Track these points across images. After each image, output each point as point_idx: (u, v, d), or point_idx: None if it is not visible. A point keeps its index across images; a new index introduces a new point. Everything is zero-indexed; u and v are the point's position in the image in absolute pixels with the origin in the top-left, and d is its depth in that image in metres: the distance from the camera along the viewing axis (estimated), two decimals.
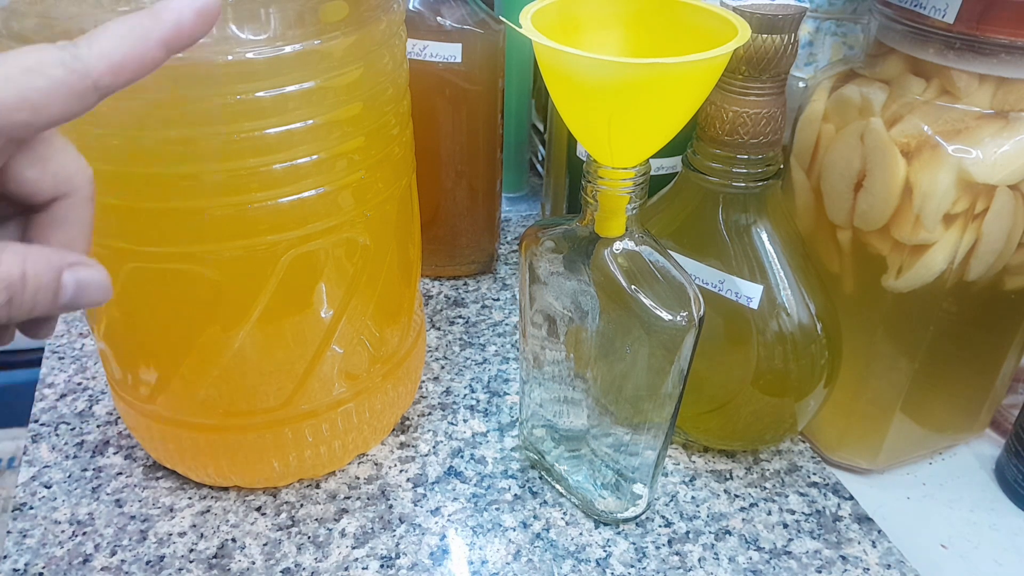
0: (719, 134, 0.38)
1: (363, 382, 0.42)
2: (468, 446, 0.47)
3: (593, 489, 0.43)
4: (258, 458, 0.41)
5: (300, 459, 0.42)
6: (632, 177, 0.33)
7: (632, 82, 0.29)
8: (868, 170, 0.40)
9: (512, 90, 0.64)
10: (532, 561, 0.40)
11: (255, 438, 0.40)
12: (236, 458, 0.41)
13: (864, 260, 0.43)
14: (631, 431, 0.39)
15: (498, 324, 0.58)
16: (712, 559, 0.41)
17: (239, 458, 0.41)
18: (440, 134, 0.56)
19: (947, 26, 0.37)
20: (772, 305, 0.41)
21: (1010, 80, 0.37)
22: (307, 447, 0.42)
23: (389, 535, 0.41)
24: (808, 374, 0.42)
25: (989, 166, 0.37)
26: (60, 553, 0.40)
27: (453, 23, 0.52)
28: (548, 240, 0.38)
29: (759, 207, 0.40)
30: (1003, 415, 0.53)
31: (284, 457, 0.42)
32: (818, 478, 0.46)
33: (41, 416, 0.48)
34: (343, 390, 0.41)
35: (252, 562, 0.40)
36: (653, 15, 0.34)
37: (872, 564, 0.41)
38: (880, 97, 0.41)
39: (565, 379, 0.41)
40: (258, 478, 0.43)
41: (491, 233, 0.62)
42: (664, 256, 0.36)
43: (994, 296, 0.43)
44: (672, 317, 0.35)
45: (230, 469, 0.42)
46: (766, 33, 0.35)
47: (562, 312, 0.39)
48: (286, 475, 0.43)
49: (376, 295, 0.40)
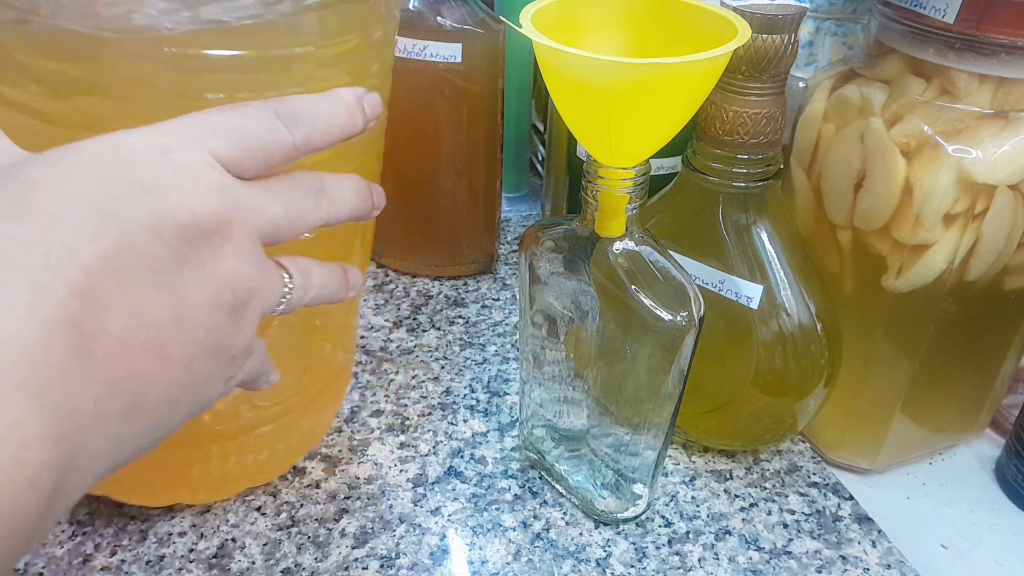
0: (719, 134, 0.38)
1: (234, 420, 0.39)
2: (468, 446, 0.47)
3: (593, 489, 0.43)
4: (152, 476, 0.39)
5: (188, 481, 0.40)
6: (632, 177, 0.33)
7: (632, 82, 0.29)
8: (868, 170, 0.40)
9: (512, 90, 0.64)
10: (532, 561, 0.40)
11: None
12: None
13: (864, 260, 0.43)
14: (631, 431, 0.39)
15: (498, 324, 0.58)
16: (712, 559, 0.41)
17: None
18: (440, 134, 0.56)
19: (947, 26, 0.37)
20: (772, 305, 0.41)
21: (1010, 80, 0.37)
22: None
23: (389, 535, 0.41)
24: (808, 374, 0.42)
25: (989, 166, 0.37)
26: (60, 553, 0.40)
27: (453, 23, 0.52)
28: (548, 240, 0.38)
29: (759, 207, 0.41)
30: (1003, 415, 0.53)
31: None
32: (818, 478, 0.46)
33: None
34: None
35: (252, 562, 0.40)
36: (653, 15, 0.34)
37: (872, 564, 0.41)
38: (880, 97, 0.41)
39: (565, 379, 0.41)
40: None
41: (491, 233, 0.62)
42: (664, 256, 0.36)
43: (994, 296, 0.43)
44: (672, 317, 0.35)
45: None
46: (766, 33, 0.35)
47: (562, 312, 0.39)
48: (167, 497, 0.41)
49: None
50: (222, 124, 0.24)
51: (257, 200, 0.24)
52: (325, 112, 0.26)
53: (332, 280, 0.29)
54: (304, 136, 0.25)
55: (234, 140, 0.24)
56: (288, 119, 0.25)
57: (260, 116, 0.24)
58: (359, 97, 0.27)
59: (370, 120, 0.28)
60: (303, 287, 0.27)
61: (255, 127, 0.24)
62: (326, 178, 0.27)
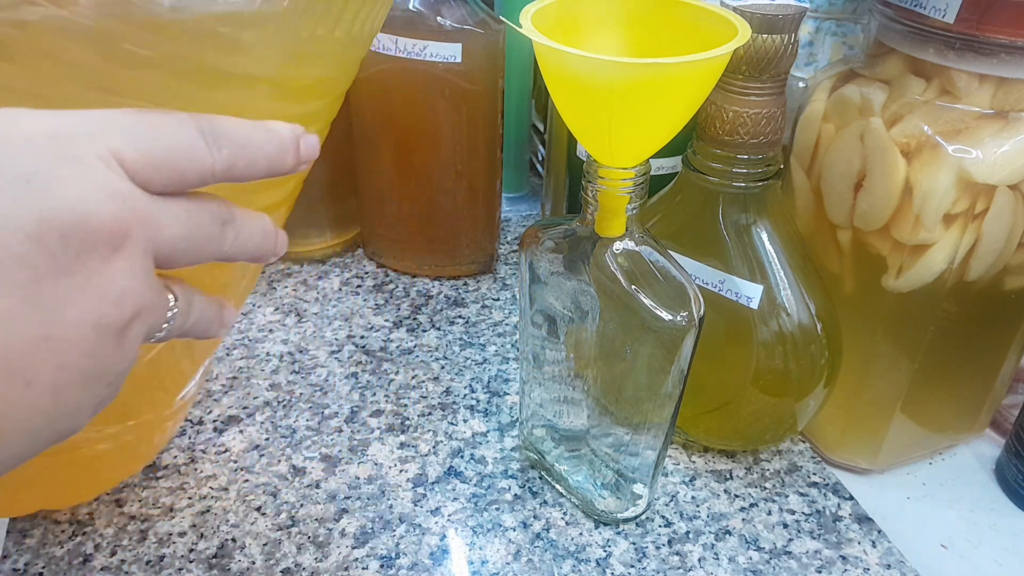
0: (719, 134, 0.38)
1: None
2: (468, 446, 0.47)
3: (593, 489, 0.43)
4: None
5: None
6: (632, 177, 0.33)
7: (632, 82, 0.29)
8: (868, 170, 0.40)
9: (512, 90, 0.64)
10: (532, 561, 0.40)
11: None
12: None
13: (864, 260, 0.43)
14: (631, 431, 0.39)
15: (498, 324, 0.58)
16: (712, 559, 0.41)
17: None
18: (440, 134, 0.56)
19: (947, 26, 0.37)
20: (772, 305, 0.41)
21: (1010, 80, 0.37)
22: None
23: (389, 535, 0.41)
24: (808, 374, 0.42)
25: (989, 166, 0.37)
26: (60, 553, 0.40)
27: (453, 23, 0.52)
28: (548, 240, 0.38)
29: (759, 207, 0.41)
30: (1003, 415, 0.52)
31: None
32: (818, 478, 0.46)
33: None
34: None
35: (252, 562, 0.40)
36: (653, 15, 0.34)
37: (872, 564, 0.41)
38: (880, 97, 0.41)
39: (565, 379, 0.41)
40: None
41: (491, 233, 0.62)
42: (664, 256, 0.36)
43: (994, 296, 0.43)
44: (672, 317, 0.35)
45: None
46: (766, 33, 0.35)
47: (562, 312, 0.39)
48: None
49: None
50: (136, 125, 0.21)
51: (159, 215, 0.21)
52: (255, 141, 0.24)
53: (210, 314, 0.26)
54: (226, 161, 0.23)
55: (145, 146, 0.21)
56: (212, 138, 0.22)
57: (181, 127, 0.22)
58: (296, 136, 0.25)
59: (303, 162, 0.25)
60: (185, 313, 0.24)
61: (173, 137, 0.22)
62: (237, 211, 0.24)
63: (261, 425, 0.48)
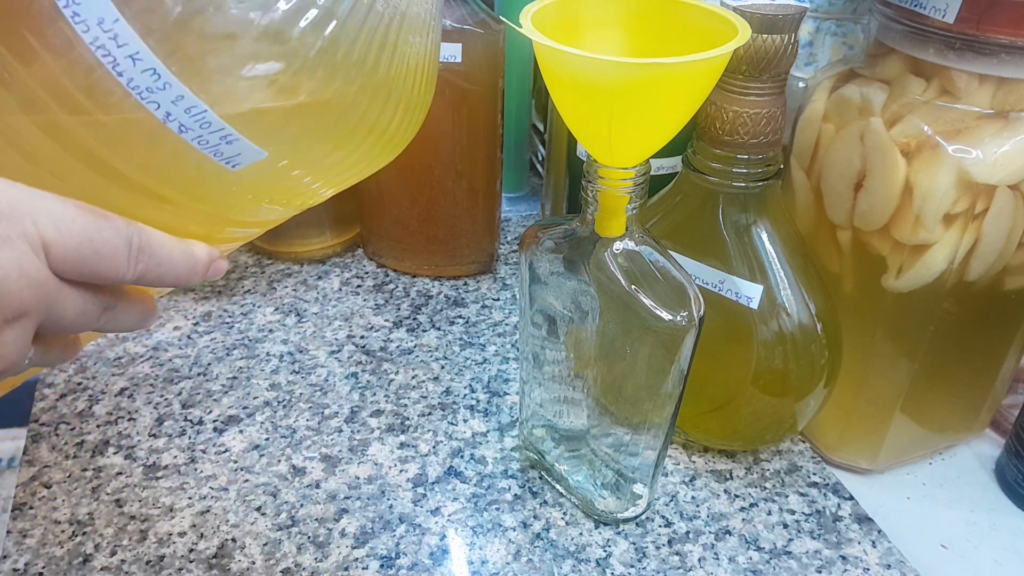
0: (719, 134, 0.38)
1: None
2: (468, 446, 0.47)
3: (593, 489, 0.43)
4: None
5: None
6: (632, 177, 0.33)
7: (632, 82, 0.29)
8: (868, 170, 0.40)
9: (512, 90, 0.64)
10: (532, 561, 0.40)
11: None
12: None
13: (864, 260, 0.43)
14: (631, 431, 0.39)
15: (498, 324, 0.58)
16: (712, 559, 0.41)
17: None
18: (440, 134, 0.56)
19: (947, 26, 0.37)
20: (772, 305, 0.41)
21: (1010, 80, 0.37)
22: None
23: (389, 535, 0.42)
24: (808, 374, 0.42)
25: (989, 166, 0.37)
26: (60, 553, 0.40)
27: (453, 23, 0.52)
28: (548, 240, 0.38)
29: (759, 207, 0.41)
30: (1003, 415, 0.53)
31: None
32: (818, 478, 0.46)
33: (41, 416, 0.48)
34: None
35: (252, 562, 0.40)
36: (653, 15, 0.34)
37: (872, 564, 0.41)
38: (880, 97, 0.41)
39: (565, 379, 0.41)
40: None
41: (491, 233, 0.62)
42: (664, 256, 0.36)
43: (994, 296, 0.43)
44: (672, 317, 0.35)
45: None
46: (766, 33, 0.35)
47: (562, 312, 0.39)
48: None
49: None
50: (74, 221, 0.22)
51: (60, 300, 0.23)
52: (173, 260, 0.25)
53: (52, 358, 0.27)
54: (137, 274, 0.24)
55: (74, 244, 0.22)
56: (136, 252, 0.24)
57: (115, 236, 0.23)
58: (209, 262, 0.27)
59: (203, 280, 0.27)
60: (29, 361, 0.25)
61: (103, 244, 0.23)
62: (122, 299, 0.26)
63: (261, 425, 0.48)
